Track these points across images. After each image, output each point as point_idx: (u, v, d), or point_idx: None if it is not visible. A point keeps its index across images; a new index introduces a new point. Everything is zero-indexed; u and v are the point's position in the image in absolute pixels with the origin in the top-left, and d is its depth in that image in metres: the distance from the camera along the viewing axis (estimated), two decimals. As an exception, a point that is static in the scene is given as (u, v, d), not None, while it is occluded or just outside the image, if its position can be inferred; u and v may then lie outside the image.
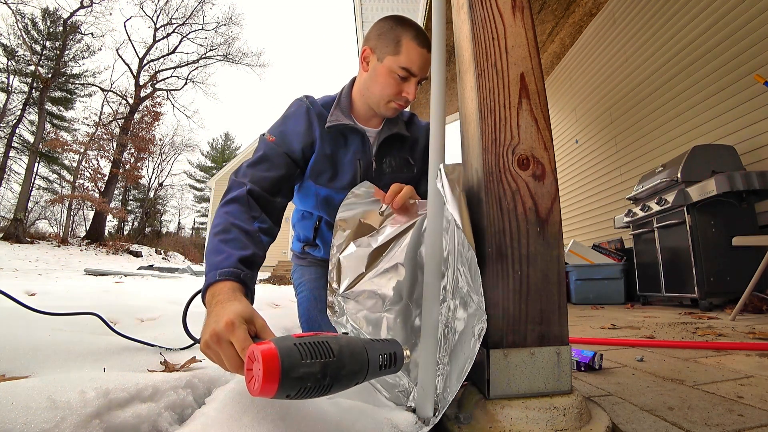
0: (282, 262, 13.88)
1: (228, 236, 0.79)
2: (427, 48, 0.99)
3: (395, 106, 1.05)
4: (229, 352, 0.55)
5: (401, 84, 1.01)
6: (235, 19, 19.96)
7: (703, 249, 2.61)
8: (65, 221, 18.01)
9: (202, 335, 0.59)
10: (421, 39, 0.99)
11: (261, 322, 0.60)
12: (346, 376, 0.49)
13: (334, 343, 0.49)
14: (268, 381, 0.42)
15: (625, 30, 4.19)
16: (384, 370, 0.56)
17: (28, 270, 7.56)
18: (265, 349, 0.44)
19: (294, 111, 1.08)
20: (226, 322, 0.55)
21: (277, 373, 0.43)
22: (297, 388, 0.45)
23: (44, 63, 16.86)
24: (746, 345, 1.22)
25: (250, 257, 0.76)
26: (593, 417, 0.63)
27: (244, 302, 0.64)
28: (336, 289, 0.88)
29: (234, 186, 0.91)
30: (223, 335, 0.55)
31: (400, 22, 1.01)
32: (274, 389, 0.43)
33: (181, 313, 0.93)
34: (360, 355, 0.52)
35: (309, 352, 0.46)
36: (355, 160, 1.09)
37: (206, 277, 0.72)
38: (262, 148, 1.01)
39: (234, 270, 0.71)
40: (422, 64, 1.00)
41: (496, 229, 0.66)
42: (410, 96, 1.02)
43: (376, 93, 1.04)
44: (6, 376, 0.70)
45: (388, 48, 1.00)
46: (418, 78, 1.02)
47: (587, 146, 5.13)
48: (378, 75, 1.02)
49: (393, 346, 0.59)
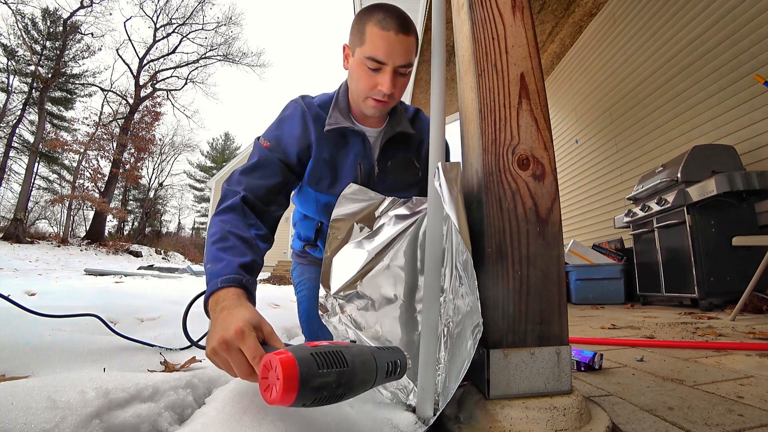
0: (282, 262, 13.88)
1: (226, 244, 0.78)
2: (396, 30, 0.87)
3: (373, 103, 0.95)
4: (240, 360, 0.54)
5: (374, 76, 0.91)
6: (235, 19, 19.97)
7: (703, 249, 2.61)
8: (65, 221, 18.04)
9: (209, 342, 0.58)
10: (388, 21, 0.87)
11: (268, 328, 0.59)
12: (357, 384, 0.50)
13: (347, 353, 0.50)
14: (288, 390, 0.42)
15: (625, 30, 4.19)
16: (390, 377, 0.57)
17: (28, 270, 7.56)
18: (284, 358, 0.44)
19: (289, 114, 1.04)
20: (236, 329, 0.54)
21: (296, 382, 0.43)
22: (314, 397, 0.45)
23: (44, 63, 16.85)
24: (746, 345, 1.22)
25: (249, 263, 0.76)
26: (593, 417, 0.63)
27: (251, 308, 0.64)
28: (329, 290, 0.88)
29: (228, 195, 0.90)
30: (233, 343, 0.54)
31: (369, 9, 0.92)
32: (292, 398, 0.43)
33: (181, 313, 0.93)
34: (370, 364, 0.52)
35: (325, 362, 0.46)
36: (356, 164, 1.04)
37: (208, 285, 0.72)
38: (257, 154, 0.99)
39: (236, 276, 0.71)
40: (388, 49, 0.87)
41: (496, 229, 0.66)
42: (384, 88, 0.90)
43: (353, 90, 0.99)
44: (6, 376, 0.70)
45: (356, 40, 0.93)
46: (391, 66, 0.89)
47: (587, 146, 5.12)
48: (352, 70, 0.96)
49: (397, 353, 0.60)
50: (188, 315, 0.98)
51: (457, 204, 0.66)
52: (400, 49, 0.89)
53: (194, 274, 9.12)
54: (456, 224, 0.63)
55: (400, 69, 0.91)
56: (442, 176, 0.70)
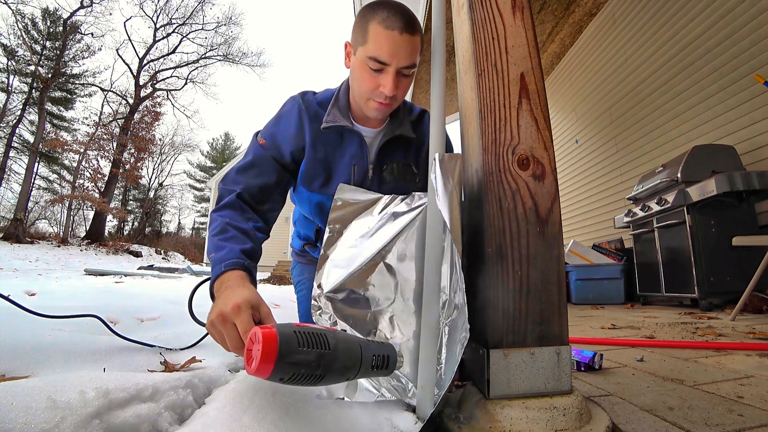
0: (282, 262, 13.88)
1: (227, 235, 0.83)
2: (401, 29, 0.83)
3: (375, 105, 0.92)
4: (232, 333, 0.59)
5: (377, 77, 0.88)
6: (235, 19, 20.01)
7: (703, 249, 2.61)
8: (65, 221, 18.04)
9: (210, 315, 0.63)
10: (392, 20, 0.83)
11: (266, 309, 0.64)
12: (338, 369, 0.52)
13: (331, 337, 0.52)
14: (265, 362, 0.45)
15: (625, 30, 4.19)
16: (376, 370, 0.58)
17: (28, 270, 7.56)
18: (267, 332, 0.47)
19: (286, 112, 1.03)
20: (233, 305, 0.59)
21: (274, 354, 0.46)
22: (291, 372, 0.47)
23: (44, 63, 16.86)
24: (746, 345, 1.22)
25: (249, 250, 0.82)
26: (593, 417, 0.63)
27: (252, 289, 0.68)
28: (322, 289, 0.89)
29: (224, 194, 0.94)
30: (229, 317, 0.59)
31: (373, 5, 0.87)
32: (269, 370, 0.46)
33: (181, 313, 0.93)
34: (354, 353, 0.54)
35: (306, 341, 0.49)
36: (350, 165, 1.02)
37: (212, 270, 0.77)
38: (252, 152, 1.00)
39: (238, 260, 0.76)
40: (392, 49, 0.84)
41: (496, 229, 0.65)
42: (387, 90, 0.87)
43: (355, 90, 0.96)
44: (6, 376, 0.70)
45: (358, 38, 0.89)
46: (395, 67, 0.86)
47: (587, 146, 5.12)
48: (354, 70, 0.93)
49: (388, 349, 0.61)
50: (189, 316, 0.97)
51: (451, 200, 0.65)
52: (404, 50, 0.85)
53: (194, 274, 9.12)
54: (447, 222, 0.63)
55: (404, 70, 0.88)
56: (438, 168, 0.69)
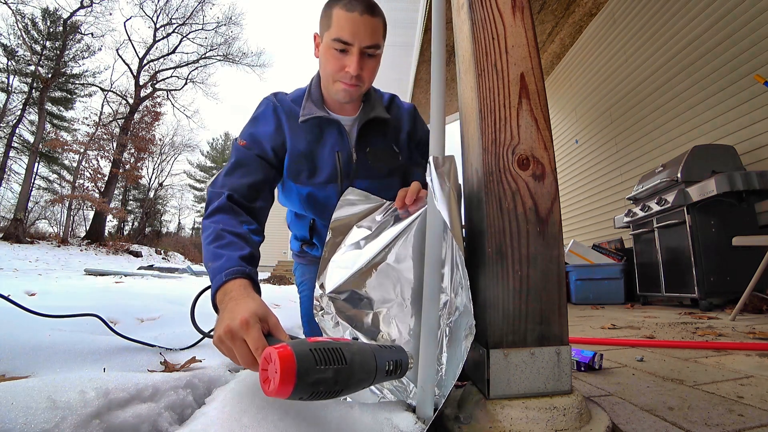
0: (282, 262, 13.88)
1: (223, 242, 0.81)
2: (361, 11, 0.89)
3: (342, 86, 0.96)
4: (243, 350, 0.57)
5: (342, 58, 0.93)
6: (235, 19, 19.98)
7: (703, 249, 2.61)
8: (65, 221, 18.04)
9: (216, 330, 0.61)
10: (353, 4, 0.90)
11: (274, 320, 0.62)
12: (356, 382, 0.51)
13: (346, 350, 0.51)
14: (284, 383, 0.44)
15: (625, 30, 4.19)
16: (390, 375, 0.58)
17: (28, 270, 7.56)
18: (283, 352, 0.45)
19: (262, 111, 1.06)
20: (242, 320, 0.57)
21: (293, 376, 0.44)
22: (310, 392, 0.46)
23: (44, 63, 16.85)
24: (746, 345, 1.22)
25: (248, 255, 0.79)
26: (593, 417, 0.63)
27: (258, 300, 0.66)
28: (324, 289, 0.89)
29: (214, 197, 0.92)
30: (238, 332, 0.57)
31: None
32: (289, 391, 0.45)
33: (181, 313, 0.93)
34: (369, 363, 0.53)
35: (323, 358, 0.47)
36: (333, 153, 1.04)
37: (213, 281, 0.74)
38: (235, 154, 1.00)
39: (239, 268, 0.74)
40: (353, 29, 0.89)
41: (496, 229, 0.65)
42: (351, 69, 0.92)
43: (324, 75, 1.00)
44: (6, 376, 0.70)
45: (324, 26, 0.95)
46: (358, 47, 0.91)
47: (587, 146, 5.12)
48: (321, 56, 0.98)
49: (399, 353, 0.60)
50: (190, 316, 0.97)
51: (449, 200, 0.65)
52: (365, 30, 0.90)
53: (194, 274, 9.12)
54: (448, 222, 0.63)
55: (368, 50, 0.93)
56: (433, 171, 0.69)
